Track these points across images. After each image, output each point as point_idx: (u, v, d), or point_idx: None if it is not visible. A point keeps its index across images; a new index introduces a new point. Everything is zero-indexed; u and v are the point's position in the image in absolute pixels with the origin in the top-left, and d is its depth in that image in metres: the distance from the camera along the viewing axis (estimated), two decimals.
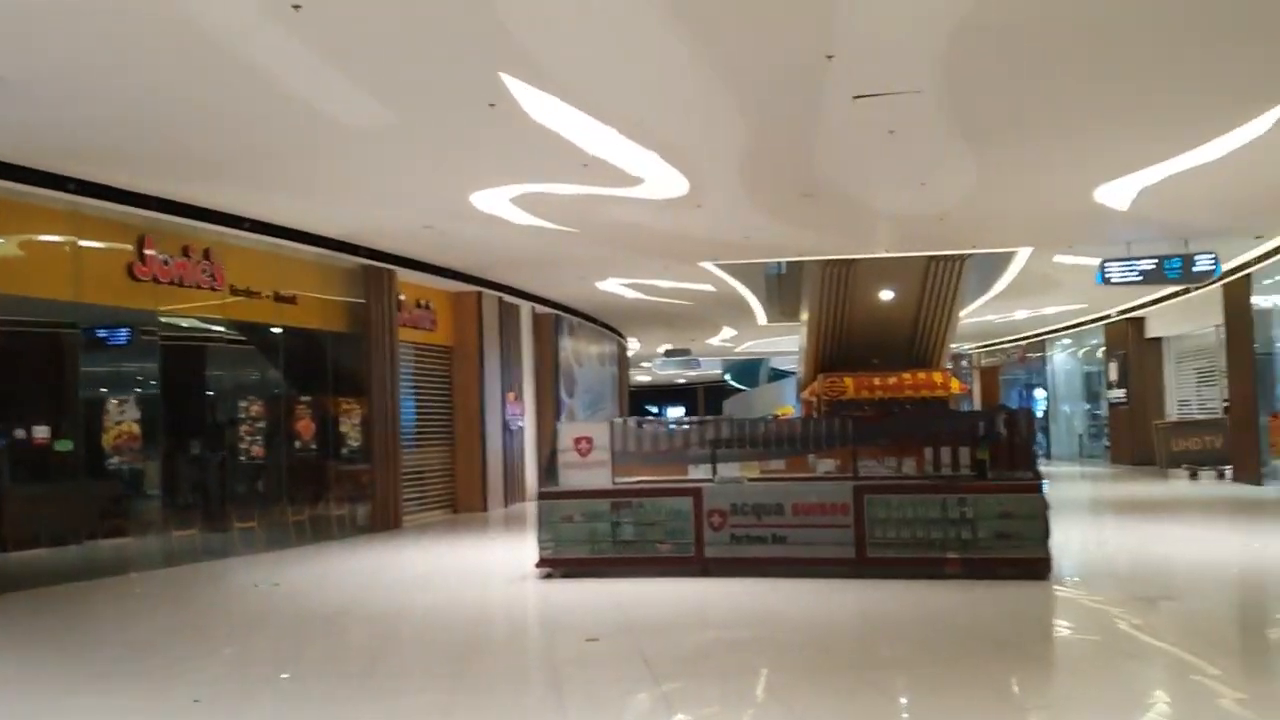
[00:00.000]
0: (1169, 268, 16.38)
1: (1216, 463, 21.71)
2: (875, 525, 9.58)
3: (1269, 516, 14.94)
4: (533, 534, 10.51)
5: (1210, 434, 22.23)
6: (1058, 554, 9.64)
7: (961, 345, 37.13)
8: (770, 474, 10.99)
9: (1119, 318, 27.11)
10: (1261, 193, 13.37)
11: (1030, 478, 9.62)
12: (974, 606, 8.50)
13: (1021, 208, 14.17)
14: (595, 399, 26.12)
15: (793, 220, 14.33)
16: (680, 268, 18.26)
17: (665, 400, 65.15)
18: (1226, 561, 10.72)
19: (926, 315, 20.48)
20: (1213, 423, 22.57)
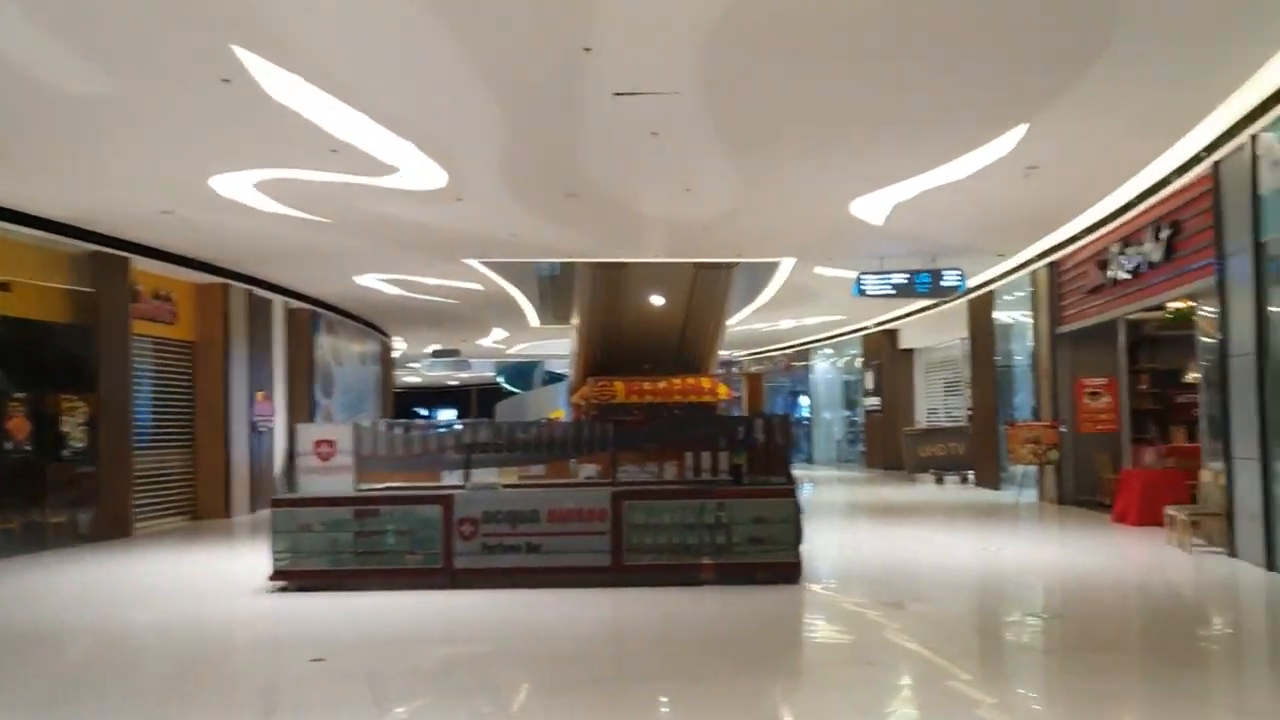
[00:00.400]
0: (919, 282, 17.03)
1: (959, 468, 22.86)
2: (633, 532, 9.38)
3: (1004, 519, 15.70)
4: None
5: (954, 441, 23.47)
6: (812, 557, 9.69)
7: (732, 352, 37.98)
8: (529, 480, 10.68)
9: (875, 329, 28.23)
10: (1002, 214, 14.03)
11: (784, 483, 9.63)
12: (727, 613, 8.40)
13: (784, 218, 14.38)
14: (356, 400, 25.13)
15: (560, 220, 14.06)
16: (444, 264, 17.70)
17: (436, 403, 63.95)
18: (967, 564, 11.09)
19: (696, 321, 20.64)
20: (956, 430, 23.81)
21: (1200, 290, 11.61)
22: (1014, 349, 20.12)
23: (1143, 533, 13.01)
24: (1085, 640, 7.50)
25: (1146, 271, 12.91)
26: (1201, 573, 10.19)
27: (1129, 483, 14.03)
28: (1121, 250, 13.59)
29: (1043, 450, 16.79)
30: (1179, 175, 11.35)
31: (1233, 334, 10.46)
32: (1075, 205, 13.70)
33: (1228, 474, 10.63)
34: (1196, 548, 11.10)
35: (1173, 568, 10.58)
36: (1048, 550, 12.41)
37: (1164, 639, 7.60)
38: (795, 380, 36.93)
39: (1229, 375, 10.55)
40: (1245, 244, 9.90)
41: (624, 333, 20.50)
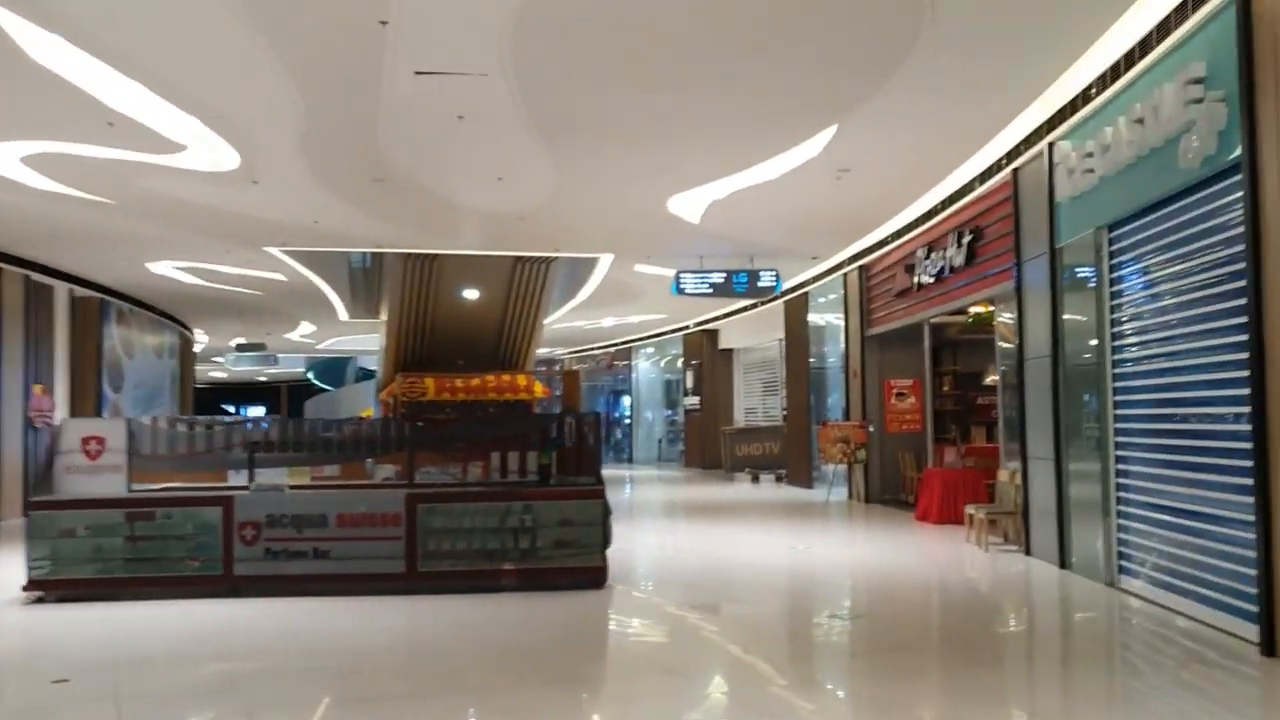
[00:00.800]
0: (736, 282, 17.09)
1: (774, 467, 23.13)
2: (429, 536, 8.91)
3: (814, 518, 15.87)
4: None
5: (770, 440, 23.77)
6: (623, 559, 9.45)
7: (554, 350, 37.64)
8: (323, 481, 10.10)
9: (696, 329, 28.37)
10: (815, 216, 14.14)
11: (592, 484, 9.34)
12: (527, 621, 8.04)
13: (601, 213, 14.13)
14: (150, 395, 23.67)
15: (366, 207, 13.43)
16: (244, 252, 16.75)
17: (245, 399, 61.52)
18: (777, 564, 11.06)
19: (513, 317, 20.17)
20: (771, 430, 24.08)
21: (1000, 295, 11.90)
22: (827, 350, 20.44)
23: (943, 531, 13.28)
24: (889, 641, 7.46)
25: (949, 276, 13.19)
26: (998, 570, 10.40)
27: (931, 482, 14.34)
28: (926, 255, 13.87)
29: (851, 449, 17.07)
30: (981, 182, 11.61)
31: (1029, 337, 10.72)
32: (884, 210, 13.93)
33: (1023, 474, 10.90)
34: (994, 546, 11.35)
35: (971, 566, 10.78)
36: (854, 549, 12.55)
37: (964, 639, 7.61)
38: (617, 379, 36.89)
39: (1026, 378, 10.81)
40: (1042, 249, 10.14)
41: (437, 328, 19.88)
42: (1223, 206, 6.91)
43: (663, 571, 10.98)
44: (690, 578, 10.39)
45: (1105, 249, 8.82)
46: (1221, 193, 6.88)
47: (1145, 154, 7.65)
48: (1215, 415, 7.21)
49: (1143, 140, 7.62)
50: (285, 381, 56.56)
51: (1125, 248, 8.52)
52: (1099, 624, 8.26)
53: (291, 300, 23.23)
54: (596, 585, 9.04)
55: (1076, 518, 9.64)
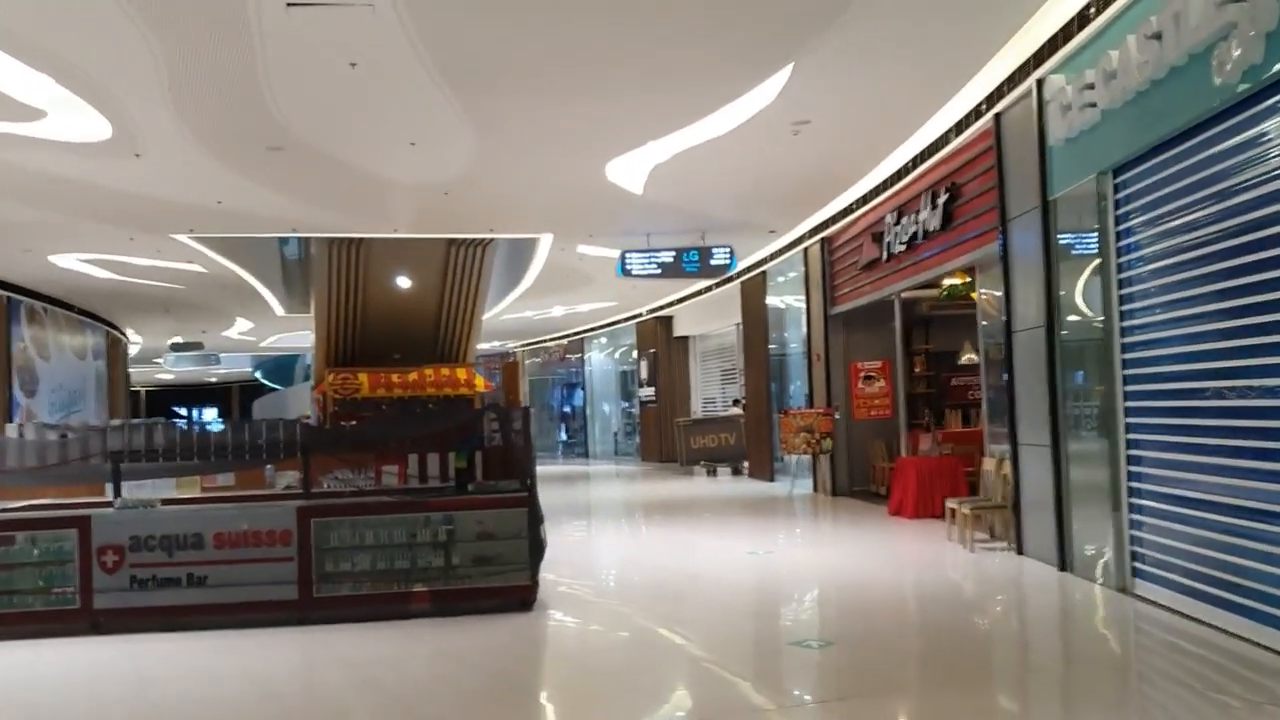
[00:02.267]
0: (687, 261, 15.83)
1: (731, 460, 21.94)
2: (326, 556, 7.54)
3: (778, 514, 14.62)
4: None
5: (725, 432, 22.58)
6: (562, 571, 8.14)
7: (506, 343, 36.20)
8: (214, 492, 8.72)
9: (649, 316, 27.06)
10: (770, 182, 12.85)
11: (517, 489, 7.99)
12: (436, 659, 6.70)
13: (534, 185, 12.75)
14: (70, 399, 22.05)
15: (269, 182, 11.99)
16: (149, 240, 15.23)
17: (194, 401, 59.70)
18: (735, 573, 9.73)
19: (451, 306, 18.75)
20: (727, 420, 22.88)
21: (982, 260, 10.67)
22: (788, 333, 19.19)
23: (920, 526, 12.07)
24: (870, 679, 6.06)
25: (923, 242, 11.95)
26: (988, 576, 9.18)
27: (904, 472, 13.12)
28: (897, 220, 12.62)
29: (816, 439, 15.82)
30: (958, 132, 10.37)
31: (1017, 306, 9.50)
32: (848, 170, 12.63)
33: (1013, 461, 9.68)
34: (980, 544, 10.13)
35: (957, 570, 9.54)
36: (822, 551, 11.24)
37: (961, 672, 6.22)
38: (571, 371, 35.53)
39: (1014, 353, 9.59)
40: (1031, 204, 8.91)
41: (369, 319, 18.43)
42: (1268, 132, 5.66)
43: (604, 586, 9.64)
44: (634, 594, 9.05)
45: (1110, 197, 7.57)
46: (1267, 113, 5.63)
47: (1163, 76, 6.41)
48: (1252, 389, 5.98)
49: (1160, 59, 6.36)
50: (235, 382, 55.01)
51: (1135, 194, 7.27)
52: (1118, 642, 7.00)
53: (220, 295, 21.70)
54: (524, 607, 7.71)
55: (1079, 511, 8.42)
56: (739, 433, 21.85)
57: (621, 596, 8.97)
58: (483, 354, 39.80)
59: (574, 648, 7.15)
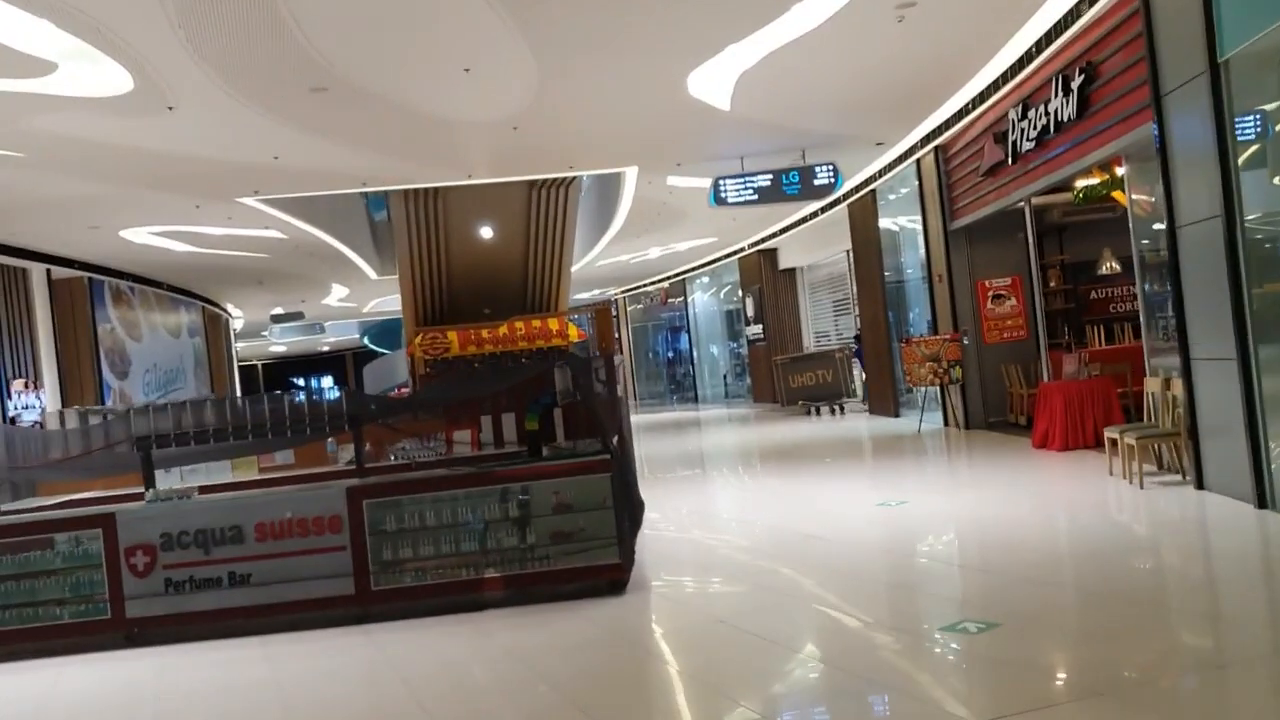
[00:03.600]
0: (787, 183, 14.42)
1: (830, 398, 20.59)
2: (383, 543, 6.51)
3: (907, 455, 13.25)
4: None
5: (823, 368, 21.06)
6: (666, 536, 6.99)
7: (606, 290, 35.17)
8: (271, 474, 7.83)
9: (751, 250, 25.65)
10: (874, 83, 11.35)
11: (598, 451, 6.84)
12: (517, 657, 5.62)
13: (609, 111, 11.49)
14: (168, 378, 21.71)
15: (325, 132, 11.00)
16: (216, 207, 14.45)
17: (310, 371, 60.38)
18: (864, 531, 8.43)
19: (538, 254, 17.67)
20: (823, 356, 21.44)
21: (1129, 147, 9.09)
22: (904, 257, 17.61)
23: (1073, 459, 10.62)
24: (1063, 678, 4.74)
25: (1055, 136, 10.37)
26: (1171, 519, 7.74)
27: (1049, 399, 11.62)
28: (1022, 115, 11.03)
29: (944, 368, 14.34)
30: (1091, 2, 8.77)
31: (1181, 197, 7.93)
32: (962, 62, 11.05)
33: (1186, 381, 8.17)
34: (1149, 477, 8.67)
35: (1130, 513, 8.12)
36: (963, 498, 9.78)
37: (1180, 662, 4.82)
38: (674, 315, 34.35)
39: (1180, 252, 8.04)
40: (1196, 70, 7.33)
41: (455, 274, 17.47)
42: None
43: (711, 555, 8.38)
44: (744, 564, 7.81)
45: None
46: None
47: None
48: None
49: None
50: (349, 349, 55.37)
51: None
52: None
53: (309, 263, 21.06)
54: (615, 589, 6.58)
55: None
56: (836, 369, 20.48)
57: (730, 569, 7.72)
58: (583, 304, 39.01)
59: (669, 645, 5.95)
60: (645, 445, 17.75)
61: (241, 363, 52.24)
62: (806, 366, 21.53)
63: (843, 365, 20.64)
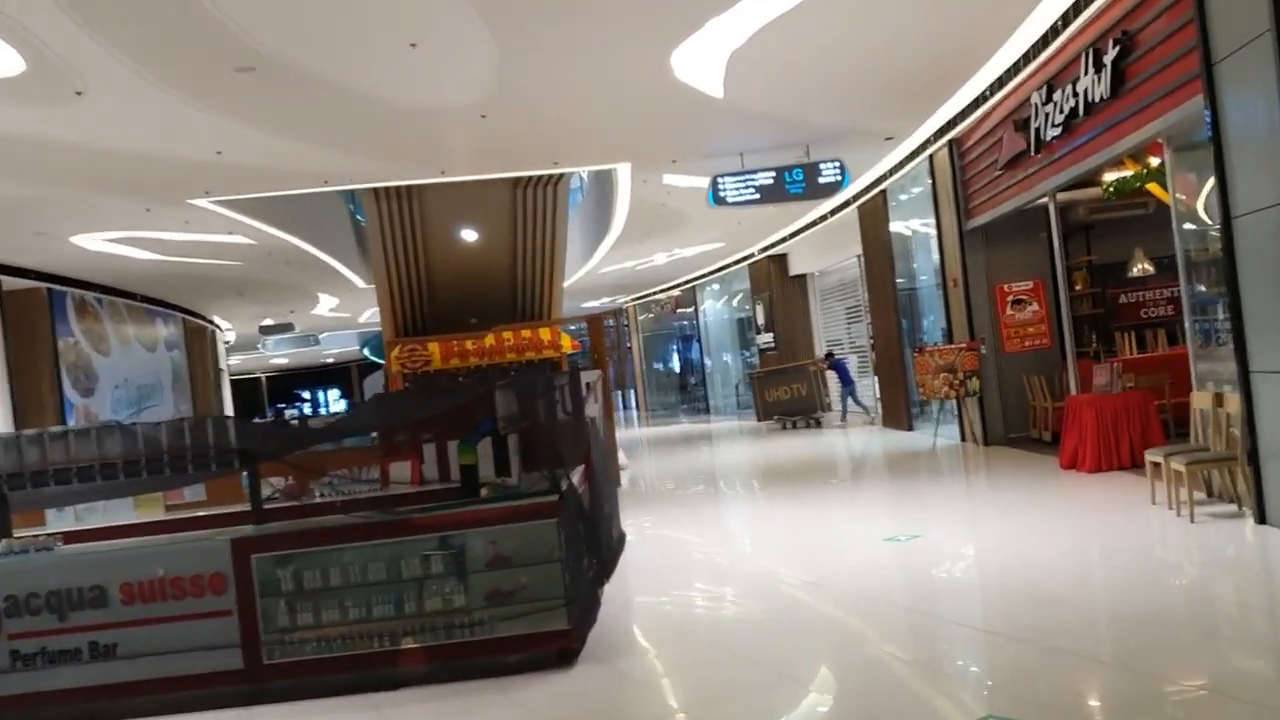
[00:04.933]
0: (790, 181, 13.24)
1: (804, 412, 20.22)
2: (279, 606, 5.36)
3: (920, 475, 12.04)
4: None
5: (796, 382, 20.68)
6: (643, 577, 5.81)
7: (616, 299, 34.03)
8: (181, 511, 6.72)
9: (761, 256, 24.50)
10: (881, 66, 10.19)
11: (547, 491, 5.66)
12: None
13: (587, 96, 10.35)
14: (142, 394, 20.64)
15: (265, 121, 9.91)
16: (170, 210, 13.35)
17: (315, 384, 59.55)
18: (869, 574, 7.20)
19: (526, 259, 16.51)
20: (797, 370, 20.98)
21: (1173, 127, 7.88)
22: (917, 262, 16.39)
23: (1107, 483, 9.41)
24: None
25: (1084, 120, 9.18)
26: (1236, 561, 6.58)
27: (1078, 414, 10.40)
28: (1047, 98, 9.85)
29: (960, 380, 13.13)
30: None
31: (1239, 180, 6.74)
32: (980, 41, 9.87)
33: (1244, 396, 6.96)
34: (1199, 507, 7.45)
35: (1186, 554, 6.90)
36: (982, 531, 8.51)
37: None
38: (684, 324, 33.17)
39: (1236, 247, 6.84)
40: (1258, 27, 6.15)
41: (436, 281, 16.34)
42: None
43: (691, 609, 7.13)
44: (728, 629, 6.55)
45: None
46: None
47: None
48: None
49: None
50: (352, 361, 54.49)
51: None
52: None
53: (288, 271, 19.97)
54: (564, 661, 5.39)
55: None
56: (810, 383, 20.16)
57: (712, 631, 6.48)
58: (593, 312, 37.85)
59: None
60: (645, 463, 16.61)
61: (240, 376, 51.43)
62: (781, 380, 21.10)
63: (816, 379, 20.42)
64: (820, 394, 20.25)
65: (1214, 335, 8.06)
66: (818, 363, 21.00)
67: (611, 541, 7.76)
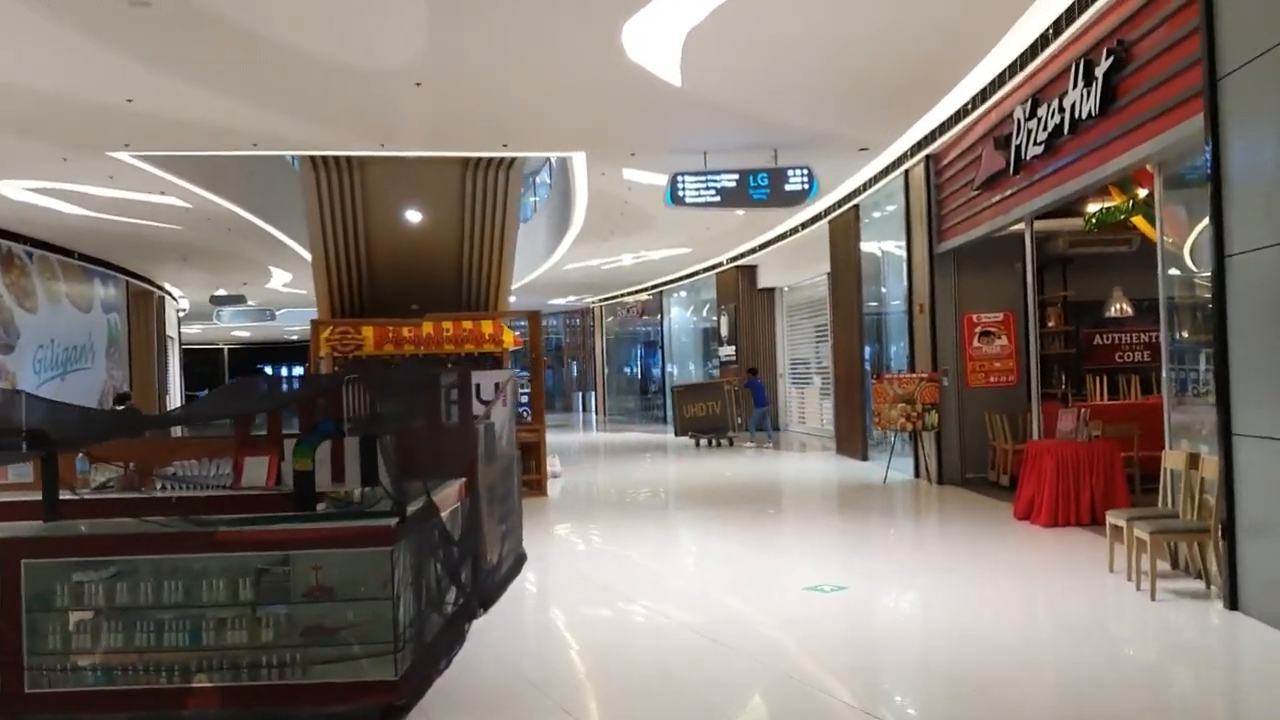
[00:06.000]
0: (754, 186, 12.42)
1: (716, 430, 19.82)
2: (48, 626, 4.41)
3: (862, 512, 11.17)
4: None
5: (712, 399, 20.09)
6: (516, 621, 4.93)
7: (583, 298, 33.16)
8: None
9: (730, 265, 23.66)
10: (856, 71, 9.39)
11: (389, 511, 4.73)
12: None
13: (531, 71, 9.45)
14: (69, 356, 19.55)
15: (175, 69, 8.97)
16: (88, 161, 12.35)
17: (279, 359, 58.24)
18: (775, 638, 6.31)
19: (475, 245, 15.60)
20: (713, 387, 20.87)
21: (1167, 150, 7.05)
22: (890, 284, 15.55)
23: (1062, 541, 8.58)
24: None
25: (1069, 139, 8.34)
26: (1202, 653, 5.74)
27: (1038, 461, 9.56)
28: (1031, 113, 9.01)
29: (918, 413, 12.29)
30: None
31: (1235, 213, 5.90)
32: (966, 46, 9.02)
33: (1224, 460, 6.11)
34: (1163, 580, 6.61)
35: (1147, 642, 6.03)
36: (917, 589, 7.47)
37: None
38: (648, 330, 32.28)
39: (1228, 289, 6.00)
40: (1273, 38, 5.31)
41: (378, 261, 15.43)
42: None
43: (553, 664, 6.07)
44: (586, 688, 5.61)
45: None
46: None
47: None
48: None
49: None
50: None
51: None
52: None
53: (232, 240, 18.95)
54: (388, 718, 4.47)
55: None
56: (724, 402, 19.81)
57: (568, 688, 5.49)
58: (558, 309, 36.94)
59: None
60: (579, 473, 15.68)
61: (201, 345, 50.16)
62: (698, 397, 20.87)
63: (730, 398, 20.15)
64: (733, 413, 19.93)
65: (1193, 387, 7.25)
66: (733, 382, 20.75)
67: (499, 567, 6.85)
